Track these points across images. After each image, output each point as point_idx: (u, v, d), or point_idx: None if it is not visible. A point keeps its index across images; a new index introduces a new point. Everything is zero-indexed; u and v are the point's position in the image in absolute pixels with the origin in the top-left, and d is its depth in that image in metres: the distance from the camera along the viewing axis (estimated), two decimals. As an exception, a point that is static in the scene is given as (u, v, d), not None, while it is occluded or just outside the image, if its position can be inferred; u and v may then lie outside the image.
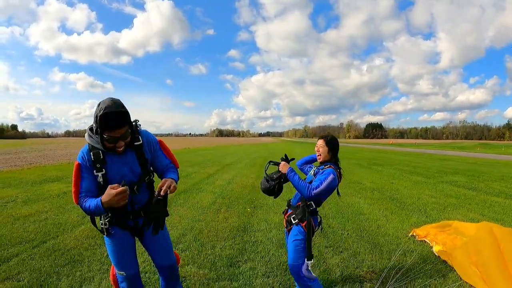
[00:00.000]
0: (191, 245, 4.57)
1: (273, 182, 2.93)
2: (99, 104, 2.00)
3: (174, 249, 2.79)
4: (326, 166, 2.82)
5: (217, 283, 3.47)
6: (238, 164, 17.23)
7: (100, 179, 2.16)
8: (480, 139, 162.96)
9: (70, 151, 30.63)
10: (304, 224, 2.77)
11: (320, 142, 2.97)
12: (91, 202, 2.05)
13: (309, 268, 2.71)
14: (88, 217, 5.60)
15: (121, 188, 1.95)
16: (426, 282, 3.47)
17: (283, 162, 2.95)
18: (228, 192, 8.76)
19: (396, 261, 3.95)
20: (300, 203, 2.88)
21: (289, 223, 2.93)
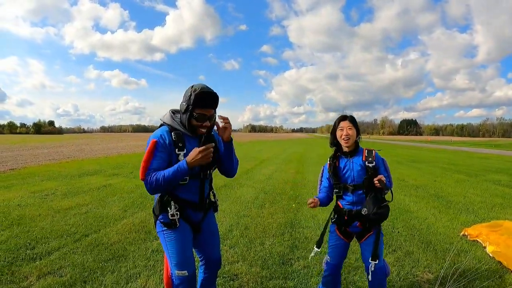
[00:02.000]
0: (239, 241, 4.49)
1: (385, 203, 2.52)
2: (192, 86, 2.12)
3: (222, 245, 2.74)
4: (367, 153, 2.59)
5: (271, 281, 3.36)
6: (275, 160, 17.24)
7: (181, 158, 2.12)
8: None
9: (106, 145, 31.64)
10: None
11: (346, 124, 2.60)
12: (168, 170, 2.04)
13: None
14: (131, 211, 5.92)
15: (207, 145, 2.03)
16: (484, 284, 3.32)
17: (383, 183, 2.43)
18: (269, 188, 8.78)
19: (451, 261, 3.81)
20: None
21: (366, 229, 2.61)
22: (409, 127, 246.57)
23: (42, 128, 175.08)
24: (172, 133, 2.15)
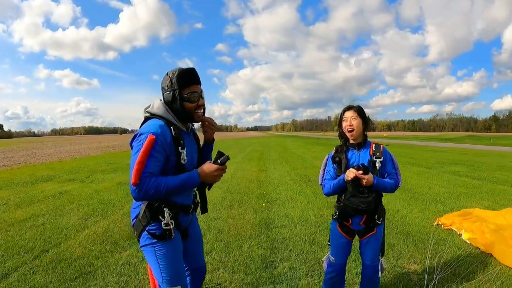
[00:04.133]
0: (215, 246, 4.30)
1: (371, 194, 2.43)
2: (167, 73, 1.97)
3: None
4: (374, 148, 2.51)
5: (258, 287, 3.28)
6: (234, 159, 17.12)
7: (185, 158, 1.92)
8: (466, 131, 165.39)
9: (59, 149, 30.09)
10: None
11: (351, 113, 2.50)
12: (173, 178, 1.82)
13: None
14: (92, 220, 5.60)
15: (223, 166, 1.92)
16: (469, 269, 3.46)
17: (368, 176, 2.35)
18: (235, 187, 8.66)
19: (432, 250, 3.93)
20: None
21: (368, 228, 2.55)
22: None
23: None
24: (172, 127, 1.90)
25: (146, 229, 1.93)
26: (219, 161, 1.90)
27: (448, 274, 3.34)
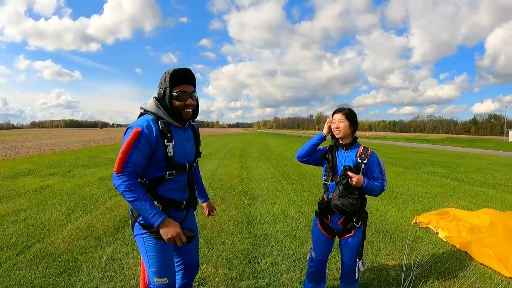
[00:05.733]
0: (198, 241, 4.39)
1: (356, 195, 2.49)
2: (165, 72, 2.07)
3: None
4: (362, 150, 2.60)
5: (242, 282, 3.31)
6: (216, 155, 17.17)
7: (171, 151, 2.01)
8: (446, 133, 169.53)
9: (39, 142, 29.34)
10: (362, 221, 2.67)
11: (339, 116, 2.60)
12: (142, 201, 1.89)
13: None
14: (75, 215, 5.61)
15: (183, 237, 1.99)
16: (445, 266, 3.65)
17: (358, 176, 2.45)
18: (217, 184, 8.73)
19: (410, 247, 4.10)
20: None
21: (346, 229, 2.64)
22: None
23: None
24: (159, 122, 2.00)
25: (138, 220, 2.05)
26: (186, 230, 2.03)
27: (425, 270, 3.50)
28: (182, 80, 2.04)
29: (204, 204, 2.73)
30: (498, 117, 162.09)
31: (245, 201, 6.74)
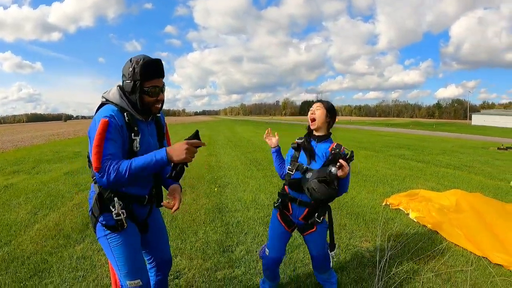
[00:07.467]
0: (170, 233, 4.17)
1: (335, 184, 2.28)
2: (131, 60, 1.87)
3: None
4: (335, 145, 2.43)
5: (217, 272, 3.28)
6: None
7: (137, 145, 1.88)
8: (411, 117, 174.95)
9: (0, 139, 27.76)
10: (325, 216, 2.58)
11: (317, 105, 2.52)
12: (137, 159, 1.72)
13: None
14: (42, 213, 5.32)
15: (193, 142, 1.74)
16: (418, 246, 3.73)
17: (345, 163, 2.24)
18: (185, 172, 8.54)
19: (382, 229, 4.17)
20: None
21: (308, 225, 2.53)
22: (310, 108, 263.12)
23: None
24: (125, 113, 1.86)
25: (99, 221, 1.92)
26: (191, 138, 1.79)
27: (399, 251, 3.58)
28: (154, 74, 1.89)
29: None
30: (462, 102, 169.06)
31: (215, 189, 6.65)
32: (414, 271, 3.24)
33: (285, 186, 2.62)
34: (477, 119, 68.83)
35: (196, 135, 1.81)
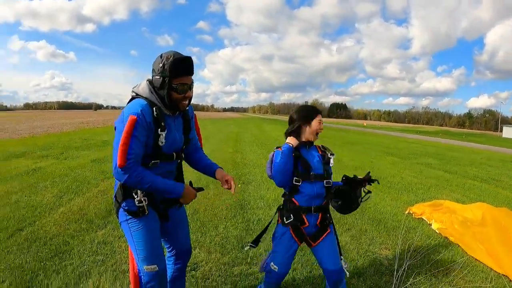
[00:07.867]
0: (191, 226, 4.22)
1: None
2: (161, 55, 1.95)
3: None
4: (321, 147, 2.61)
5: (234, 268, 3.33)
6: (212, 139, 17.12)
7: (163, 140, 1.96)
8: (440, 126, 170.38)
9: (31, 124, 28.85)
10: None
11: (320, 116, 2.52)
12: (160, 181, 1.93)
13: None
14: (67, 197, 5.60)
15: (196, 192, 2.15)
16: (438, 258, 3.70)
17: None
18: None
19: (403, 237, 4.14)
20: (325, 201, 2.49)
21: (324, 227, 2.49)
22: (338, 110, 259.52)
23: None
24: (154, 108, 1.93)
25: (122, 206, 2.04)
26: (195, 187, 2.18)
27: (418, 261, 3.56)
28: (184, 72, 1.95)
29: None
30: (493, 112, 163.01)
31: (239, 185, 6.75)
32: (431, 283, 3.22)
33: (293, 199, 2.47)
34: (508, 132, 65.96)
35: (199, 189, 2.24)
